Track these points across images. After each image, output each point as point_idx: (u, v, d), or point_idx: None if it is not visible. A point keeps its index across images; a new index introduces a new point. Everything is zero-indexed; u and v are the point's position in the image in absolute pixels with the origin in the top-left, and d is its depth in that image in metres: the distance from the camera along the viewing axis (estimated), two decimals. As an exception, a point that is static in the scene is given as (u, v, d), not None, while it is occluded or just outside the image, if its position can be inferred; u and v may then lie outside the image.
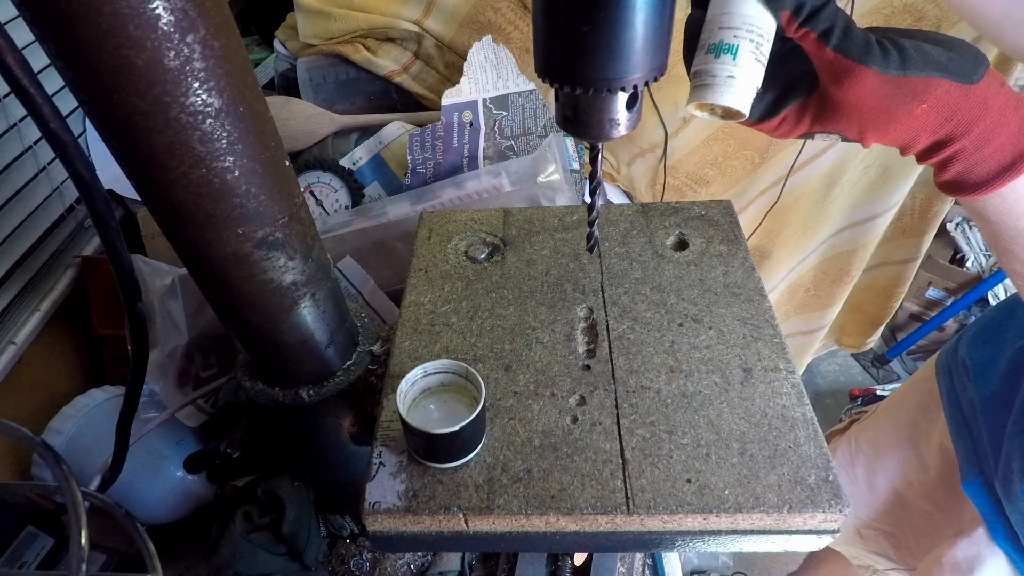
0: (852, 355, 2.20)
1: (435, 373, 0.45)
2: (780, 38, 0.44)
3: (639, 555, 0.69)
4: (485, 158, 0.93)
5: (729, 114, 0.44)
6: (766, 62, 0.43)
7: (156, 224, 0.42)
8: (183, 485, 0.82)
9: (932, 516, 0.84)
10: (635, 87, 0.36)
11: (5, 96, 0.79)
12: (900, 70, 0.41)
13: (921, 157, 0.46)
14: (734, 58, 0.42)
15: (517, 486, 0.43)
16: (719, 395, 0.47)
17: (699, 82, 0.42)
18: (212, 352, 0.85)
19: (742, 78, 0.42)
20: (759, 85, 0.43)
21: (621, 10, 0.33)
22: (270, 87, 1.13)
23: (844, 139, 0.47)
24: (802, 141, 1.16)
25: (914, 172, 1.32)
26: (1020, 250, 0.48)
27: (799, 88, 0.45)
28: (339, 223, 0.84)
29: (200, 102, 0.35)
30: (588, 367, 0.50)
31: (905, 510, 0.89)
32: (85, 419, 0.81)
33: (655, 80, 0.37)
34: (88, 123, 0.92)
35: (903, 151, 0.46)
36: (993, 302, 1.80)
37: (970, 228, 1.84)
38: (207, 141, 0.36)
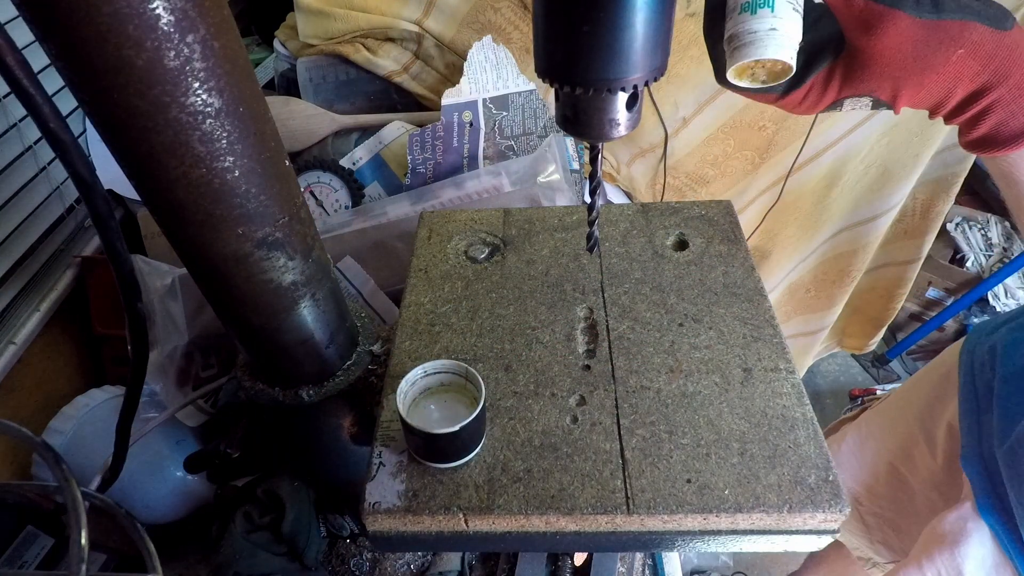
0: (852, 355, 2.20)
1: (435, 373, 0.45)
2: None
3: (639, 555, 0.69)
4: (485, 158, 0.93)
5: (774, 74, 0.42)
6: (803, 12, 0.42)
7: (156, 224, 0.42)
8: (183, 485, 0.82)
9: (936, 504, 0.84)
10: (635, 87, 0.36)
11: (5, 96, 0.79)
12: (934, 13, 0.40)
13: (953, 114, 0.44)
14: (772, 10, 0.40)
15: (517, 486, 0.43)
16: (719, 395, 0.47)
17: (737, 43, 0.40)
18: (212, 352, 0.85)
19: (784, 29, 0.40)
20: (800, 38, 0.41)
21: (621, 10, 0.33)
22: (270, 87, 1.13)
23: (875, 104, 0.45)
24: (802, 140, 1.16)
25: (915, 172, 1.31)
26: None
27: (824, 53, 0.44)
28: (339, 223, 0.84)
29: (200, 102, 0.35)
30: (588, 367, 0.50)
31: (910, 497, 0.89)
32: (85, 419, 0.81)
33: (655, 80, 0.37)
34: (88, 123, 0.92)
35: (936, 109, 0.44)
36: (993, 302, 1.80)
37: (970, 228, 1.84)
38: (207, 141, 0.36)
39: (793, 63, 0.41)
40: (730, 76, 0.43)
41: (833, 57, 0.43)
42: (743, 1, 0.41)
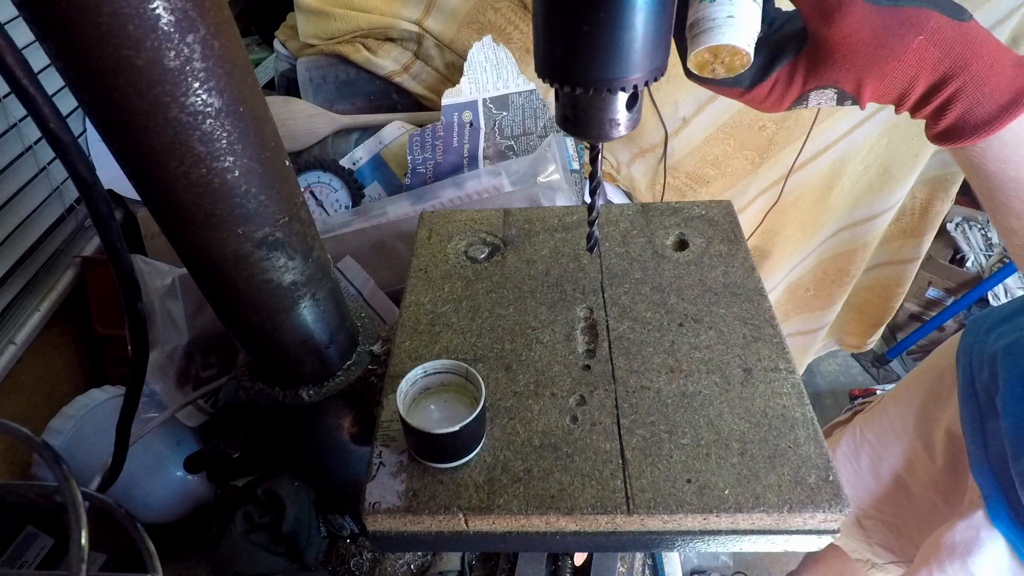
0: (852, 355, 2.20)
1: (435, 373, 0.45)
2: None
3: (639, 555, 0.69)
4: (485, 158, 0.93)
5: (733, 65, 0.43)
6: (761, 5, 0.43)
7: (156, 224, 0.42)
8: (183, 485, 0.82)
9: (936, 505, 0.84)
10: (635, 87, 0.36)
11: (5, 96, 0.79)
12: (892, 1, 0.40)
13: (918, 105, 0.44)
14: None
15: (517, 486, 0.43)
16: (719, 395, 0.47)
17: (696, 31, 0.41)
18: (212, 352, 0.85)
19: (741, 17, 0.41)
20: (759, 29, 0.42)
21: (621, 10, 0.33)
22: (270, 87, 1.13)
23: (840, 98, 0.46)
24: (802, 140, 1.16)
25: (914, 171, 1.32)
26: (1019, 203, 0.47)
27: (788, 47, 0.44)
28: (339, 223, 0.84)
29: (200, 102, 0.35)
30: (588, 367, 0.50)
31: (909, 499, 0.89)
32: (85, 419, 0.81)
33: (655, 80, 0.37)
34: (88, 123, 0.92)
35: (900, 102, 0.44)
36: (993, 302, 1.80)
37: (970, 228, 1.84)
38: (207, 141, 0.36)
39: (750, 52, 0.41)
40: (690, 65, 0.43)
41: (797, 51, 0.44)
42: None
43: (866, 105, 0.46)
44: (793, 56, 0.44)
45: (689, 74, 0.46)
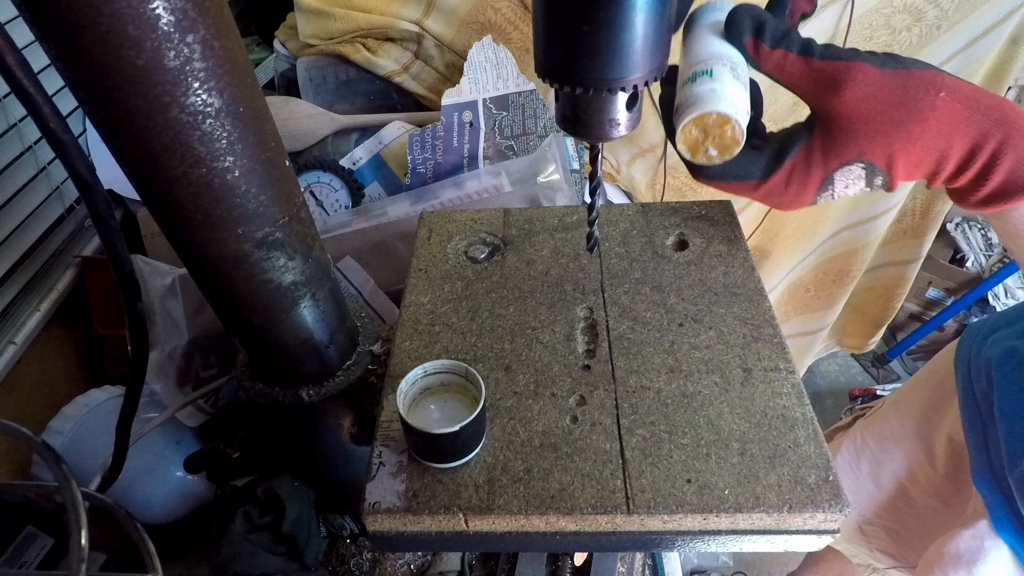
0: (852, 355, 2.20)
1: (435, 373, 0.45)
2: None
3: (639, 555, 0.69)
4: (485, 158, 0.93)
5: (724, 141, 0.41)
6: (747, 85, 0.42)
7: (156, 224, 0.42)
8: (183, 485, 0.82)
9: (937, 511, 0.84)
10: (635, 87, 0.36)
11: (5, 96, 0.79)
12: (898, 65, 0.39)
13: (960, 170, 0.39)
14: (711, 76, 0.41)
15: (517, 486, 0.43)
16: (719, 395, 0.47)
17: (681, 110, 0.41)
18: (212, 352, 0.85)
19: (724, 90, 0.40)
20: (747, 108, 0.41)
21: (621, 10, 0.33)
22: (270, 87, 1.13)
23: (870, 175, 0.42)
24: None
25: (914, 172, 1.31)
26: None
27: (799, 134, 0.42)
28: (339, 223, 0.84)
29: (200, 102, 0.35)
30: (588, 367, 0.50)
31: (910, 506, 0.89)
32: (85, 419, 0.81)
33: (655, 80, 0.37)
34: (88, 123, 0.92)
35: (937, 169, 0.40)
36: (993, 302, 1.80)
37: (970, 228, 1.84)
38: (207, 141, 0.36)
39: (738, 119, 0.40)
40: (681, 148, 0.42)
41: (808, 134, 0.41)
42: (685, 77, 0.42)
43: (898, 183, 0.42)
44: (806, 139, 0.42)
45: (692, 170, 0.44)
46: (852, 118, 0.39)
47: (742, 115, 0.41)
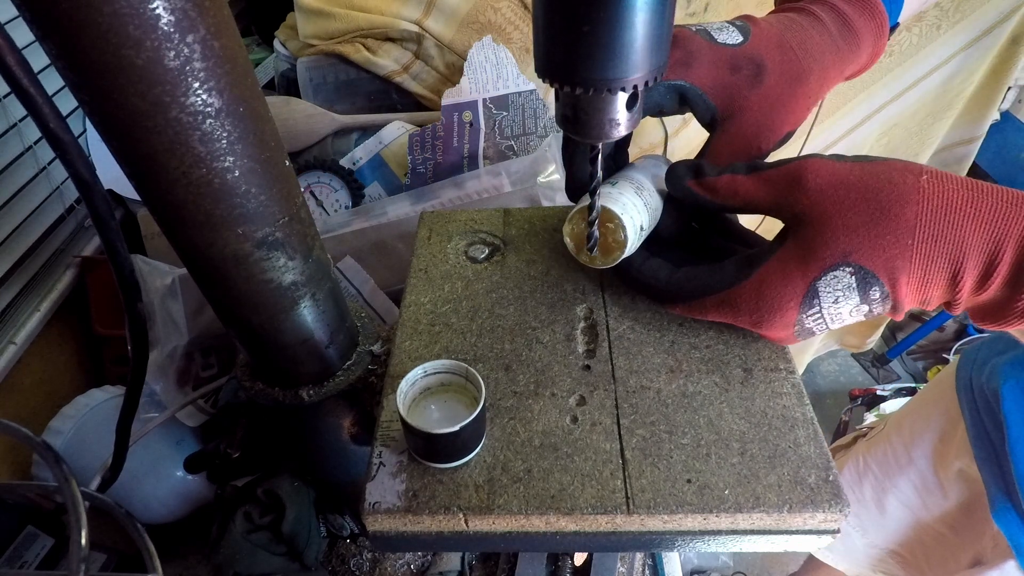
0: (852, 355, 2.20)
1: (435, 373, 0.45)
2: None
3: (639, 555, 0.69)
4: (485, 158, 0.93)
5: (606, 245, 0.47)
6: (649, 206, 0.47)
7: (156, 224, 0.42)
8: (183, 485, 0.82)
9: (946, 538, 0.83)
10: (635, 87, 0.36)
11: (5, 96, 0.79)
12: (862, 159, 0.35)
13: (986, 275, 0.31)
14: (613, 185, 0.47)
15: (517, 486, 0.43)
16: (719, 395, 0.47)
17: (578, 205, 0.48)
18: (212, 352, 0.85)
19: (620, 196, 0.46)
20: (641, 221, 0.46)
21: (621, 10, 0.33)
22: (270, 87, 1.13)
23: (862, 284, 0.34)
24: (802, 140, 1.15)
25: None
26: None
27: (769, 248, 0.39)
28: (339, 223, 0.84)
29: (200, 102, 0.35)
30: (588, 367, 0.50)
31: (917, 532, 0.87)
32: (85, 419, 0.81)
33: (656, 80, 0.37)
34: (88, 123, 0.92)
35: (955, 279, 0.32)
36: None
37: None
38: (207, 141, 0.36)
39: (625, 224, 0.45)
40: (566, 242, 0.49)
41: (781, 243, 0.37)
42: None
43: (904, 298, 0.34)
44: (779, 248, 0.37)
45: (653, 295, 0.48)
46: (824, 210, 0.34)
47: (631, 222, 0.45)
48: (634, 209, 0.46)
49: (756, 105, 0.42)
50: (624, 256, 0.48)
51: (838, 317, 0.38)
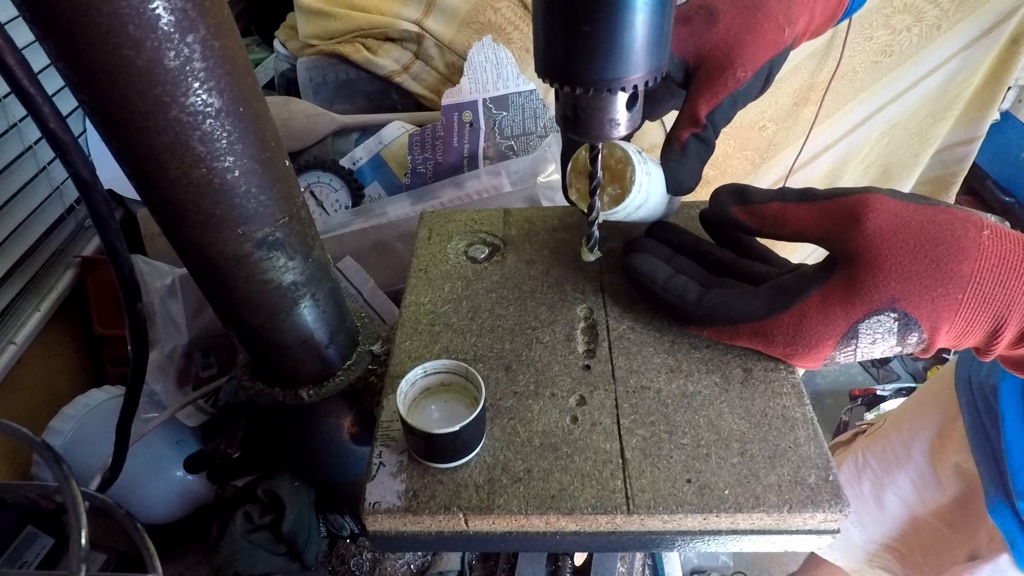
0: (852, 355, 2.19)
1: (435, 373, 0.45)
2: None
3: (639, 555, 0.69)
4: (485, 158, 0.93)
5: (616, 182, 0.45)
6: (655, 174, 0.47)
7: (156, 224, 0.42)
8: (183, 485, 0.82)
9: (943, 533, 0.83)
10: (635, 87, 0.36)
11: (5, 96, 0.79)
12: (923, 201, 0.34)
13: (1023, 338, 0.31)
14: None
15: (517, 486, 0.43)
16: (719, 395, 0.47)
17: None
18: (212, 352, 0.85)
19: (630, 146, 0.45)
20: (649, 169, 0.45)
21: (621, 10, 0.33)
22: (270, 87, 1.13)
23: (903, 329, 0.34)
24: (802, 140, 1.16)
25: (915, 172, 1.32)
26: None
27: (811, 277, 0.38)
28: (339, 223, 0.84)
29: (200, 102, 0.35)
30: (588, 367, 0.50)
31: (914, 527, 0.88)
32: (85, 419, 0.81)
33: (655, 80, 0.37)
34: (88, 123, 0.92)
35: (995, 329, 0.32)
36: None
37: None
38: (207, 141, 0.36)
39: (636, 165, 0.44)
40: (569, 176, 0.48)
41: (827, 276, 0.36)
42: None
43: (938, 345, 0.34)
44: (824, 281, 0.36)
45: (682, 317, 0.46)
46: (879, 252, 0.33)
47: (640, 166, 0.45)
48: (644, 164, 0.45)
49: (719, 43, 0.42)
50: (625, 207, 0.46)
51: (870, 354, 0.37)
